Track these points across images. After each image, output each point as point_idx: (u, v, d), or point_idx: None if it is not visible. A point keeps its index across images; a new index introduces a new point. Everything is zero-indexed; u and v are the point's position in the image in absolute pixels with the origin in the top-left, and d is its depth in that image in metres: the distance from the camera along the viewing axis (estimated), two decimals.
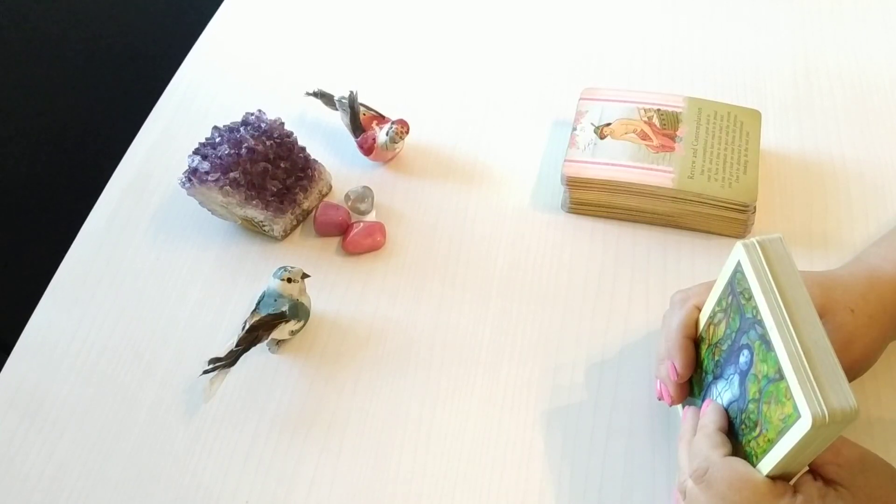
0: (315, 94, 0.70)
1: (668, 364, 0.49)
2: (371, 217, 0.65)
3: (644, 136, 0.63)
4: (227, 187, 0.60)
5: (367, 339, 0.58)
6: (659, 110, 0.64)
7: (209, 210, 0.63)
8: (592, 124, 0.64)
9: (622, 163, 0.61)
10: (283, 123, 0.64)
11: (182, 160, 0.63)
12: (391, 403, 0.55)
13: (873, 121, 0.68)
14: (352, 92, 0.67)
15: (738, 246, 0.42)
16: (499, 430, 0.53)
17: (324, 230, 0.65)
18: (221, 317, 0.61)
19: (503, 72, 0.76)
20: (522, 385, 0.55)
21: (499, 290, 0.60)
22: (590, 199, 0.63)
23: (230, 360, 0.53)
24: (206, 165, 0.61)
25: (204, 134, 0.63)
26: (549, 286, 0.60)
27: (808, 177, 0.65)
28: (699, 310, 0.49)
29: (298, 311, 0.56)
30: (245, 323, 0.54)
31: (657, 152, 0.62)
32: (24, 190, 0.98)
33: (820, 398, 0.36)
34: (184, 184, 0.61)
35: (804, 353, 0.37)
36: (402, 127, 0.66)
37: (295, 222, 0.65)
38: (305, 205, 0.65)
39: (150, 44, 1.08)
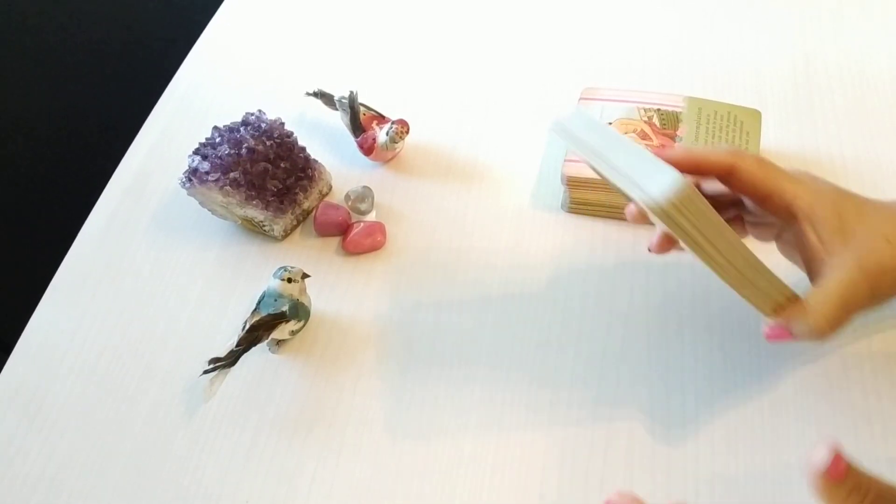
0: (315, 94, 0.70)
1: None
2: (371, 217, 0.65)
3: (644, 136, 0.63)
4: (228, 187, 0.60)
5: (368, 339, 0.58)
6: (659, 110, 0.64)
7: (209, 210, 0.63)
8: None
9: None
10: (283, 123, 0.64)
11: (182, 160, 0.63)
12: (391, 403, 0.55)
13: (873, 121, 0.68)
14: (352, 92, 0.67)
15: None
16: (499, 430, 0.53)
17: (324, 230, 0.65)
18: (221, 317, 0.61)
19: (503, 72, 0.76)
20: (522, 384, 0.55)
21: (499, 290, 0.60)
22: (590, 199, 0.63)
23: (230, 360, 0.53)
24: (206, 165, 0.61)
25: (204, 134, 0.63)
26: (549, 286, 0.60)
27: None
28: (734, 169, 0.46)
29: (298, 311, 0.56)
30: (245, 323, 0.55)
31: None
32: (25, 190, 0.98)
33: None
34: (184, 184, 0.61)
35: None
36: (402, 127, 0.66)
37: (295, 222, 0.65)
38: (305, 205, 0.65)
39: (150, 44, 1.08)
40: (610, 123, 0.64)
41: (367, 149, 0.67)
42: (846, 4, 0.78)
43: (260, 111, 0.64)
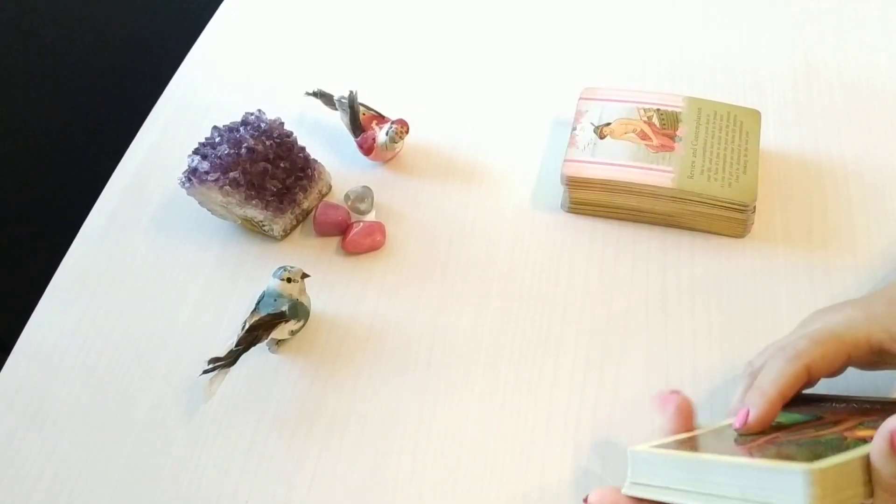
0: (315, 94, 0.70)
1: (744, 409, 0.43)
2: (371, 217, 0.65)
3: (644, 136, 0.63)
4: (227, 187, 0.60)
5: (367, 339, 0.58)
6: (658, 110, 0.64)
7: (209, 210, 0.63)
8: (592, 124, 0.64)
9: (622, 162, 0.61)
10: (282, 123, 0.64)
11: (182, 160, 0.63)
12: (391, 403, 0.55)
13: (873, 120, 0.68)
14: (351, 92, 0.67)
15: None
16: (498, 430, 0.53)
17: (323, 230, 0.65)
18: (221, 316, 0.61)
19: (503, 72, 0.76)
20: (522, 384, 0.55)
21: (498, 290, 0.60)
22: (590, 199, 0.63)
23: (230, 359, 0.53)
24: (205, 165, 0.61)
25: (204, 134, 0.63)
26: (549, 286, 0.60)
27: (807, 176, 0.65)
28: (808, 371, 0.44)
29: (298, 311, 0.56)
30: (245, 323, 0.54)
31: (657, 152, 0.62)
32: (24, 190, 0.98)
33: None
34: (183, 183, 0.61)
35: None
36: (402, 127, 0.66)
37: (295, 222, 0.65)
38: (305, 204, 0.65)
39: (149, 43, 1.08)
40: (609, 123, 0.64)
41: (367, 149, 0.67)
42: (846, 4, 0.78)
43: (259, 111, 0.64)
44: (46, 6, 0.96)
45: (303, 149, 0.65)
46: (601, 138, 0.63)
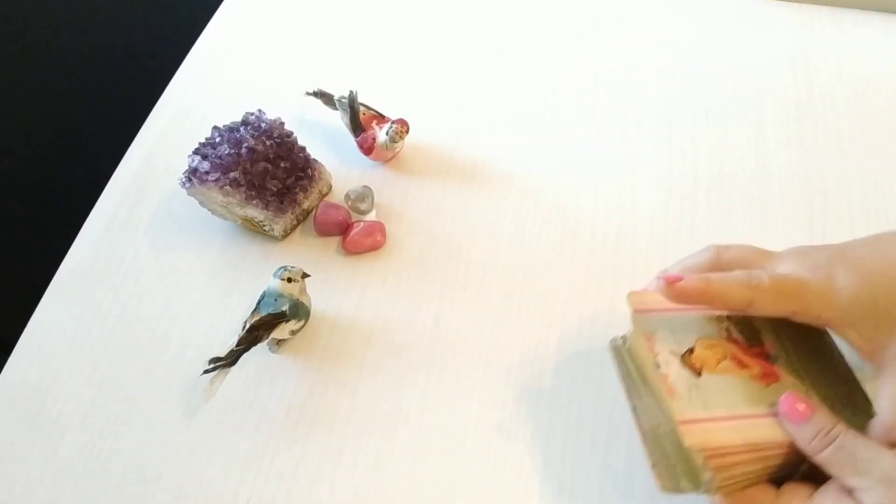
0: (315, 94, 0.70)
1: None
2: (371, 217, 0.65)
3: (740, 363, 0.45)
4: (228, 187, 0.61)
5: (368, 339, 0.58)
6: (729, 316, 0.46)
7: (209, 210, 0.64)
8: (673, 353, 0.46)
9: (744, 412, 0.42)
10: (283, 123, 0.64)
11: (182, 160, 0.63)
12: (392, 403, 0.55)
13: (873, 121, 0.68)
14: (352, 91, 0.67)
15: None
16: (499, 430, 0.53)
17: (324, 230, 0.65)
18: (222, 316, 0.61)
19: (503, 72, 0.76)
20: (524, 384, 0.55)
21: (499, 290, 0.60)
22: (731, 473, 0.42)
23: (231, 359, 0.53)
24: (206, 165, 0.61)
25: (204, 134, 0.63)
26: (550, 285, 0.60)
27: (808, 176, 0.65)
28: (749, 304, 0.43)
29: (299, 311, 0.56)
30: (245, 322, 0.55)
31: (766, 384, 0.44)
32: (25, 189, 0.98)
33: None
34: (184, 184, 0.62)
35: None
36: (402, 126, 0.66)
37: (295, 222, 0.65)
38: (305, 204, 0.65)
39: (150, 43, 1.08)
40: (692, 349, 0.46)
41: (367, 148, 0.67)
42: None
43: (260, 111, 0.64)
44: (49, 7, 0.96)
45: (303, 149, 0.65)
46: (697, 375, 0.44)
